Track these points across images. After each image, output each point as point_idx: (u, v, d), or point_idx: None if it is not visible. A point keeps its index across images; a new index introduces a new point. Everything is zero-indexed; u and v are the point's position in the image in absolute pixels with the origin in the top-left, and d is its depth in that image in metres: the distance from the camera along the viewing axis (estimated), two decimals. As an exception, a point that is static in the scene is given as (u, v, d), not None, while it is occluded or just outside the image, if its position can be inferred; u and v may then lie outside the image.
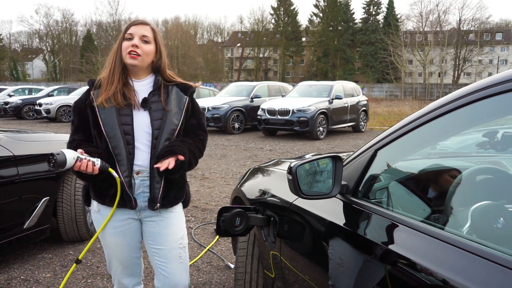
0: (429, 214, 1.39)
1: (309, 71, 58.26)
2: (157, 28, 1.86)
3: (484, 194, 1.37)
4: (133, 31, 1.77)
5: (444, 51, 49.04)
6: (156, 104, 1.81)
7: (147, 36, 1.78)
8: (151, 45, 1.80)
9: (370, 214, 1.35)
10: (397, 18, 55.23)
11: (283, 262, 1.80)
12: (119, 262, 1.92)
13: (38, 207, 3.17)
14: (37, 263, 3.24)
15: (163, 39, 2.17)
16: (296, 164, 1.38)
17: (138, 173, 1.79)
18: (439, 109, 1.28)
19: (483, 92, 1.15)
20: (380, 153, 1.42)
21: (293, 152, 9.20)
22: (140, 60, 1.77)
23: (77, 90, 19.07)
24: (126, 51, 1.76)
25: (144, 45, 1.78)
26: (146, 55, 1.79)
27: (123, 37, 1.79)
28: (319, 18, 58.21)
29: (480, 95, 1.16)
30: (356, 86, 14.15)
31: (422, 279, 1.04)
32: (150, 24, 1.83)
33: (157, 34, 1.83)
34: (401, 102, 36.56)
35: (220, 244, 3.68)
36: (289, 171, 1.40)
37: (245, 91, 13.65)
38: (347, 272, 1.34)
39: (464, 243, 1.02)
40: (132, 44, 1.75)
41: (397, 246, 1.19)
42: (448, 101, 1.26)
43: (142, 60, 1.78)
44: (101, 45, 57.84)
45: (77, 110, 1.83)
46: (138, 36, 1.77)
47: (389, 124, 16.48)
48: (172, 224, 1.90)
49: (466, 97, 1.21)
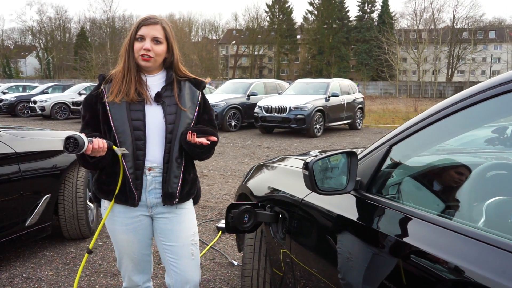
0: (443, 209, 1.39)
1: (304, 68, 58.29)
2: (168, 24, 1.83)
3: (497, 190, 1.37)
4: (144, 33, 1.74)
5: (438, 49, 49.25)
6: (169, 99, 1.80)
7: (159, 37, 1.76)
8: (163, 45, 1.78)
9: (386, 209, 1.35)
10: (392, 16, 55.42)
11: (293, 259, 1.79)
12: (130, 259, 1.91)
13: (40, 204, 3.14)
14: (39, 261, 3.21)
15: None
16: (313, 160, 1.37)
17: (150, 169, 1.78)
18: (454, 105, 1.28)
19: (499, 88, 1.15)
20: (395, 149, 1.42)
21: (290, 150, 9.21)
22: (153, 61, 1.77)
23: (72, 87, 18.94)
24: (138, 53, 1.75)
25: (156, 46, 1.76)
26: (158, 56, 1.78)
27: (134, 36, 1.76)
28: (313, 15, 58.22)
29: (496, 91, 1.16)
30: (352, 84, 14.18)
31: (440, 270, 1.05)
32: (161, 22, 1.79)
33: (168, 31, 1.80)
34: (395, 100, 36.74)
35: (222, 241, 3.67)
36: (305, 167, 1.40)
37: (242, 88, 13.63)
38: (362, 267, 1.34)
39: (481, 234, 1.03)
40: (144, 48, 1.74)
41: (415, 240, 1.19)
42: (464, 97, 1.26)
43: (155, 60, 1.78)
44: (95, 42, 57.47)
45: (88, 105, 1.81)
46: (150, 37, 1.74)
47: (385, 122, 16.54)
48: (184, 221, 1.89)
49: (482, 94, 1.21)
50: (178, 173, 1.79)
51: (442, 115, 1.31)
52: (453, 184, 1.48)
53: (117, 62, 1.84)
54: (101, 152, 1.65)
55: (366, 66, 53.22)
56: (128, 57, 1.77)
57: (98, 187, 1.84)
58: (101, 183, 1.82)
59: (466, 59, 52.08)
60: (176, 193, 1.80)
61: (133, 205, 1.79)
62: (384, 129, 14.24)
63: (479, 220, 1.22)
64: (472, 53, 51.05)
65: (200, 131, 1.77)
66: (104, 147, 1.65)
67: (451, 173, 1.55)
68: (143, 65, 1.77)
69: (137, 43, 1.76)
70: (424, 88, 45.65)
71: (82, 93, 17.12)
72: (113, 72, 1.82)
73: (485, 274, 0.94)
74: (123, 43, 1.83)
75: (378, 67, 51.62)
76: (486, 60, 53.91)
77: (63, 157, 3.35)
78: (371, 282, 1.32)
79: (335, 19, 56.70)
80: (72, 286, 2.83)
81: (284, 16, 60.33)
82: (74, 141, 1.55)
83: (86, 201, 3.53)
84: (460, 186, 1.42)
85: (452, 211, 1.35)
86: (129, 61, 1.77)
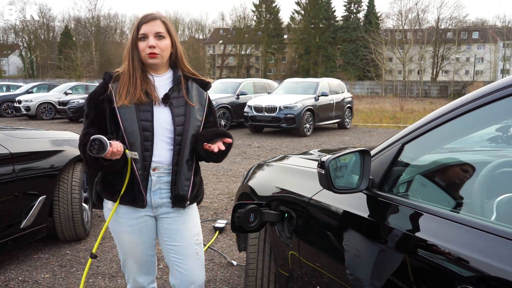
0: (454, 206, 1.41)
1: (291, 68, 58.45)
2: (166, 18, 1.81)
3: (507, 187, 1.40)
4: (146, 30, 1.72)
5: (423, 49, 49.91)
6: (177, 100, 1.78)
7: (161, 32, 1.74)
8: (167, 40, 1.76)
9: (399, 206, 1.36)
10: (378, 16, 55.92)
11: (301, 259, 1.79)
12: (134, 260, 1.88)
13: (35, 206, 3.08)
14: (34, 264, 3.16)
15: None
16: (329, 159, 1.38)
17: (154, 170, 1.76)
18: (465, 105, 1.29)
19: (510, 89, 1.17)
20: (407, 147, 1.43)
21: (281, 149, 9.22)
22: (160, 57, 1.75)
23: (58, 87, 18.65)
24: (144, 52, 1.73)
25: (160, 42, 1.73)
26: (164, 51, 1.75)
27: (136, 37, 1.74)
28: (300, 15, 58.41)
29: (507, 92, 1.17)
30: (341, 83, 14.28)
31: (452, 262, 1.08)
32: (160, 17, 1.78)
33: (169, 25, 1.79)
34: (382, 99, 37.10)
35: (219, 241, 3.66)
36: (321, 166, 1.40)
37: (231, 88, 13.61)
38: (377, 264, 1.35)
39: (493, 227, 1.07)
40: (149, 45, 1.71)
41: (430, 235, 1.20)
42: (475, 97, 1.28)
43: (162, 56, 1.75)
44: (79, 41, 56.69)
45: (93, 104, 1.77)
46: (152, 34, 1.72)
47: (372, 121, 16.70)
48: (188, 221, 1.88)
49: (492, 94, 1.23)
50: (189, 175, 1.78)
51: (454, 115, 1.32)
52: (462, 181, 1.50)
53: (121, 63, 1.81)
54: (117, 155, 1.62)
55: (353, 65, 53.60)
56: (132, 58, 1.74)
57: (104, 187, 1.81)
58: (107, 183, 1.79)
59: (450, 59, 52.85)
60: (187, 196, 1.79)
61: (142, 207, 1.76)
62: (372, 128, 14.37)
63: (491, 216, 1.24)
64: (456, 53, 51.83)
65: (215, 135, 1.76)
66: (121, 150, 1.63)
67: (459, 171, 1.57)
68: (151, 62, 1.74)
69: (141, 43, 1.73)
70: (410, 87, 46.19)
71: (68, 92, 16.88)
72: (119, 71, 1.79)
73: (497, 265, 0.96)
74: (125, 46, 1.81)
75: (364, 66, 52.05)
76: (469, 60, 54.79)
77: (58, 158, 3.30)
78: (383, 278, 1.33)
79: (321, 19, 56.97)
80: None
81: (271, 15, 60.39)
82: (99, 143, 1.54)
83: (81, 202, 3.48)
84: (470, 183, 1.44)
85: (463, 208, 1.37)
86: (134, 62, 1.74)
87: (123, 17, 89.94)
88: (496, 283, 0.96)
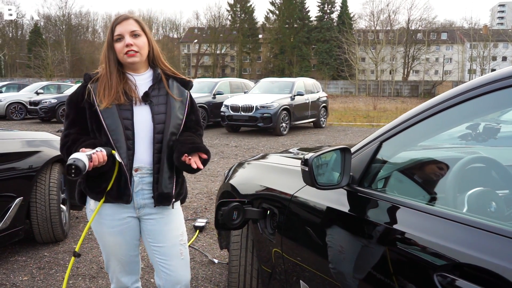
0: (429, 200, 1.49)
1: (266, 68, 58.69)
2: (139, 18, 1.83)
3: (477, 181, 1.49)
4: (121, 31, 1.74)
5: (394, 50, 51.05)
6: (157, 98, 1.79)
7: (136, 30, 1.75)
8: (143, 37, 1.78)
9: (378, 201, 1.43)
10: (351, 17, 56.87)
11: (283, 255, 1.85)
12: (117, 261, 1.89)
13: (12, 208, 3.03)
14: (11, 267, 3.10)
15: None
16: (312, 157, 1.43)
17: (136, 170, 1.76)
18: (440, 104, 1.37)
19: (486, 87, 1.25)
20: (385, 145, 1.50)
21: (258, 148, 9.29)
22: (139, 55, 1.76)
23: (28, 86, 18.13)
24: (122, 52, 1.74)
25: (136, 40, 1.75)
26: (142, 48, 1.77)
27: (112, 39, 1.75)
28: (275, 15, 58.76)
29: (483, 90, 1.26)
30: (316, 83, 14.46)
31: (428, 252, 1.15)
32: (132, 16, 1.81)
33: (143, 24, 1.81)
34: (355, 98, 37.74)
35: (200, 240, 3.68)
36: (304, 163, 1.45)
37: (207, 87, 13.57)
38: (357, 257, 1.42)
39: (465, 218, 1.15)
40: (126, 44, 1.73)
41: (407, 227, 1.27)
42: (449, 97, 1.36)
43: (141, 54, 1.77)
44: (50, 39, 55.18)
45: (73, 104, 1.77)
46: (127, 33, 1.74)
47: (347, 120, 16.99)
48: (172, 221, 1.89)
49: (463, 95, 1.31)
50: (171, 173, 1.79)
51: (428, 114, 1.40)
52: (436, 176, 1.59)
53: (93, 62, 1.82)
54: (102, 163, 1.63)
55: (327, 65, 54.31)
56: (109, 61, 1.76)
57: (88, 185, 1.80)
58: (92, 181, 1.78)
59: (420, 59, 54.27)
60: (172, 194, 1.80)
61: (127, 202, 1.76)
62: (347, 127, 14.62)
63: (462, 209, 1.32)
64: (426, 53, 53.28)
65: (194, 148, 1.74)
66: (104, 159, 1.63)
67: (433, 167, 1.66)
68: (131, 61, 1.75)
69: (118, 44, 1.75)
70: (382, 87, 47.16)
71: (40, 92, 16.44)
72: (99, 72, 1.80)
73: (469, 252, 1.04)
74: (102, 49, 1.82)
75: (338, 66, 52.83)
76: (439, 60, 56.42)
77: (35, 159, 3.24)
78: (364, 270, 1.40)
79: (296, 19, 57.47)
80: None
81: (246, 15, 60.47)
82: (76, 168, 1.53)
83: (59, 203, 3.43)
84: (443, 178, 1.53)
85: (437, 201, 1.45)
86: (110, 64, 1.75)
87: (95, 15, 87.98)
88: (468, 269, 1.04)
